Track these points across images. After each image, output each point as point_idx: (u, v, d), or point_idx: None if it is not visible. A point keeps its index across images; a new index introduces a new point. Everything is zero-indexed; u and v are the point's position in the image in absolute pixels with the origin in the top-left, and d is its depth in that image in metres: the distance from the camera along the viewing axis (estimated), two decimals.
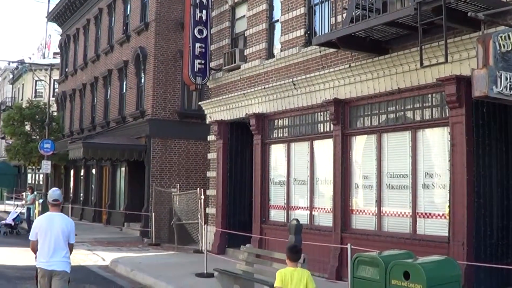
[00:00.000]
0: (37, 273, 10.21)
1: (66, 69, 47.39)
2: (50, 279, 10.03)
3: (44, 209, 24.24)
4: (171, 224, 25.39)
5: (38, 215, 26.16)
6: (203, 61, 23.66)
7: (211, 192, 23.60)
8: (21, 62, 55.68)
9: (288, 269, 8.79)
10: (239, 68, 21.88)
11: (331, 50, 16.96)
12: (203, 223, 20.99)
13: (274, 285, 8.79)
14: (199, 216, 22.51)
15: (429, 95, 14.51)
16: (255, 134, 20.87)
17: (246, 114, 21.11)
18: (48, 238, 10.08)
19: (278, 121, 20.24)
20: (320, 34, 16.41)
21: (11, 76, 78.74)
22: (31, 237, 10.34)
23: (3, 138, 62.11)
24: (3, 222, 30.73)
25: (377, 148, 15.91)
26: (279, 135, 20.22)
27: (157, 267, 18.81)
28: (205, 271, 16.89)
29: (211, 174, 23.82)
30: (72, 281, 11.12)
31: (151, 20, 30.25)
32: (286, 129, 19.90)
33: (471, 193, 13.09)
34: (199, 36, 23.67)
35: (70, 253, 10.42)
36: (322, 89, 17.48)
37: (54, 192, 10.60)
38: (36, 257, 10.26)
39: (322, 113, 18.07)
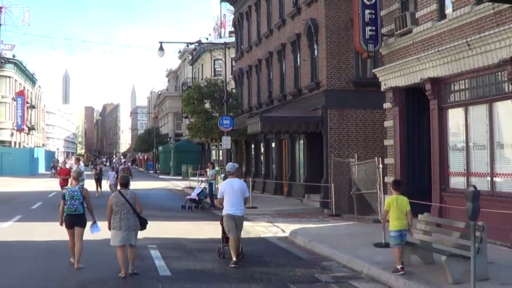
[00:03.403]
0: (223, 220, 15.36)
1: (241, 47, 48.40)
2: (234, 221, 15.08)
3: None
4: (350, 194, 25.28)
5: None
6: (374, 28, 23.15)
7: (389, 160, 23.20)
8: (199, 43, 57.31)
9: (393, 196, 13.22)
10: (411, 32, 21.24)
11: (505, 6, 16.02)
12: (381, 193, 20.64)
13: (384, 208, 13.40)
14: (378, 186, 22.19)
15: None
16: (431, 99, 20.23)
17: (421, 78, 20.48)
18: (231, 195, 15.18)
19: (454, 85, 19.47)
20: None
21: (190, 57, 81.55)
22: (219, 195, 15.73)
23: (186, 117, 64.45)
24: (188, 197, 31.88)
25: None
26: (456, 99, 19.45)
27: (335, 238, 18.80)
28: (383, 241, 16.63)
29: (388, 142, 23.40)
30: (250, 253, 16.32)
31: None
32: (463, 92, 19.10)
33: None
34: (368, 3, 23.15)
35: (245, 204, 15.64)
36: (497, 48, 16.52)
37: (227, 166, 16.19)
38: (223, 209, 15.34)
39: (499, 73, 17.15)
